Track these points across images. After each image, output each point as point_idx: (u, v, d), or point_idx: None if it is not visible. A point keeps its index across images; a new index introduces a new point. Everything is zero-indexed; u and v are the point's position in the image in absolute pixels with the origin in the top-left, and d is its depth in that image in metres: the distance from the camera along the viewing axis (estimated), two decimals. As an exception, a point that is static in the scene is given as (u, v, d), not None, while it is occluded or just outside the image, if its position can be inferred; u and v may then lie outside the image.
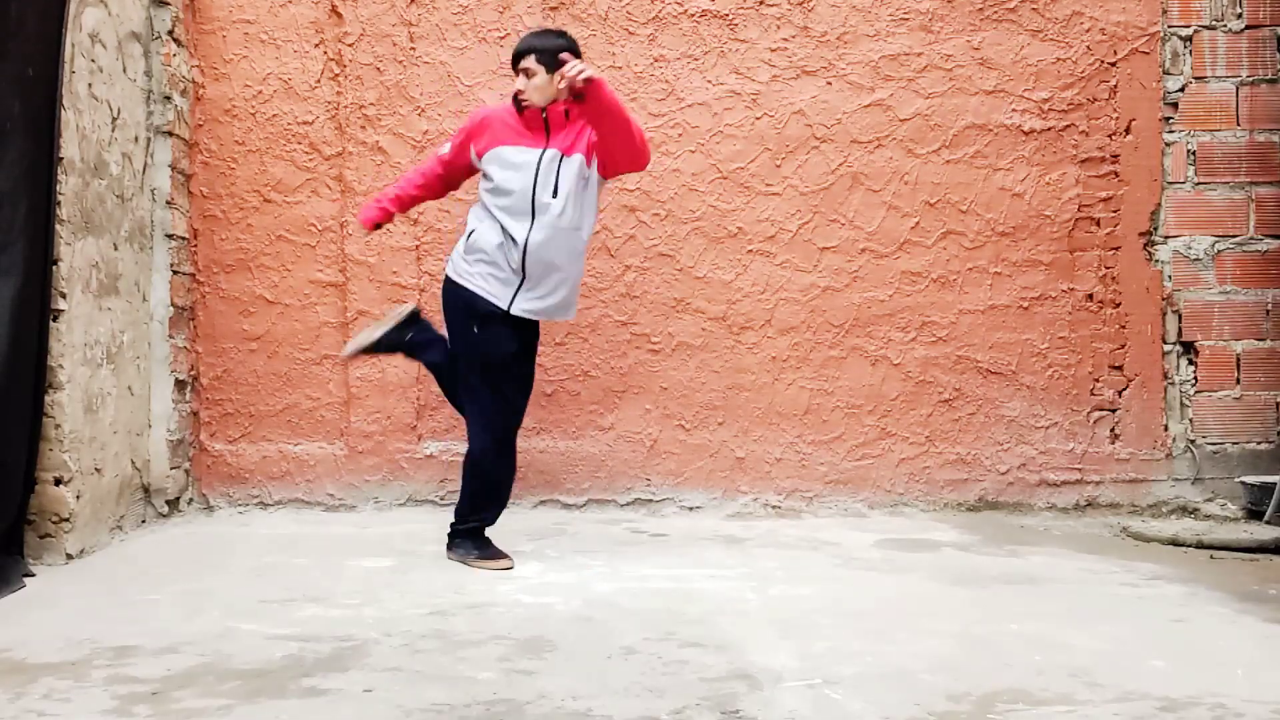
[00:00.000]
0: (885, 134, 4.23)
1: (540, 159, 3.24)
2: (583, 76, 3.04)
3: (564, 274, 3.31)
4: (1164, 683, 2.16)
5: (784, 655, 2.35)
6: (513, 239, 3.24)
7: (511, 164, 3.25)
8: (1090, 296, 4.21)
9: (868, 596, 2.92)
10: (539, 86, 3.23)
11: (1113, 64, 4.20)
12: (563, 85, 3.12)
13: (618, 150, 3.24)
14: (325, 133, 4.27)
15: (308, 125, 4.28)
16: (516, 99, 3.29)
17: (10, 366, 3.08)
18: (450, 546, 3.39)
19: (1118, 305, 4.20)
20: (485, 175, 3.33)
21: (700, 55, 4.25)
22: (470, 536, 3.37)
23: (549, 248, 3.25)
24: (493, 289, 3.27)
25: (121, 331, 3.76)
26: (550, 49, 3.22)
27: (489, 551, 3.33)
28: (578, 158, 3.26)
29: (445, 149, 3.45)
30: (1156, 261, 4.20)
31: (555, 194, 3.23)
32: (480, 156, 3.33)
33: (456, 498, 4.20)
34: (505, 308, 3.27)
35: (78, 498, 3.37)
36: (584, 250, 3.41)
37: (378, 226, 3.49)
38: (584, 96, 3.10)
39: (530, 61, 3.23)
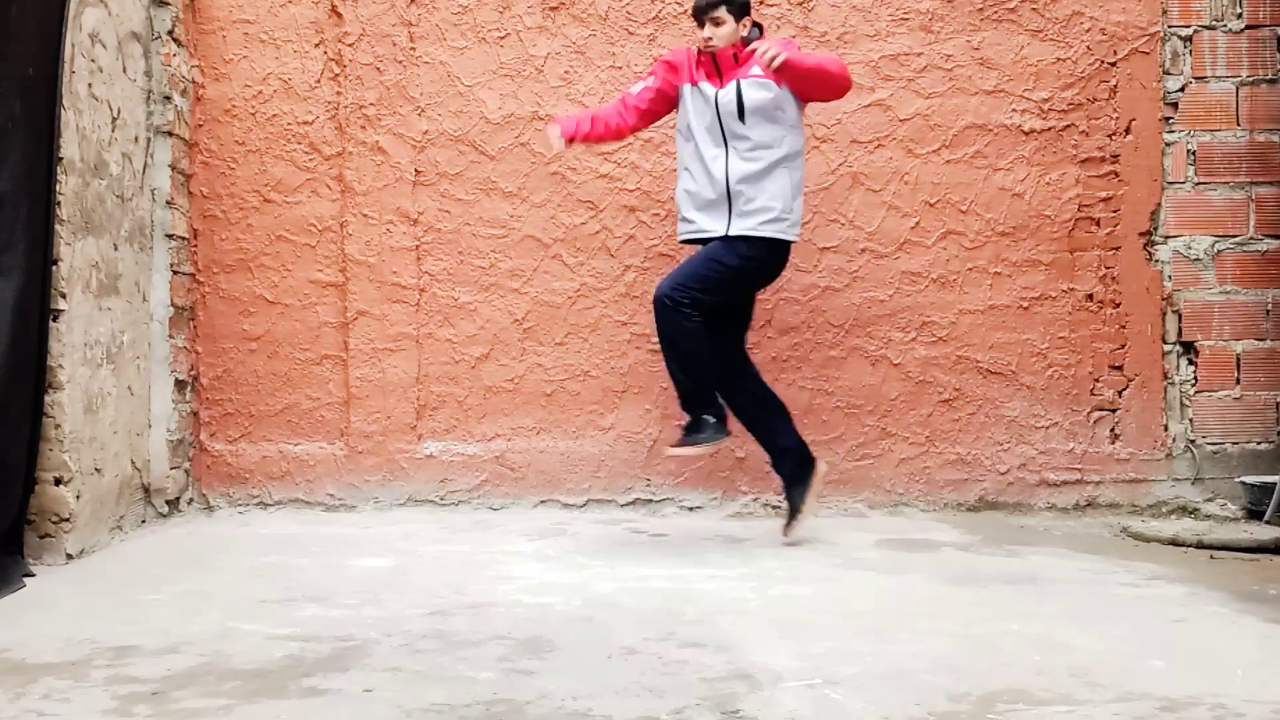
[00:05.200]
0: (885, 134, 4.23)
1: (718, 95, 3.50)
2: (776, 62, 3.35)
3: (768, 189, 3.48)
4: (1164, 683, 2.16)
5: (784, 655, 2.35)
6: (710, 172, 3.50)
7: (699, 96, 3.54)
8: (1090, 296, 4.21)
9: (868, 596, 2.92)
10: (726, 35, 3.51)
11: (1113, 64, 4.20)
12: (762, 66, 3.40)
13: (817, 96, 3.59)
14: (325, 133, 4.28)
15: (308, 125, 4.28)
16: (703, 48, 3.54)
17: (10, 366, 3.08)
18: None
19: (1118, 305, 4.20)
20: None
21: (700, 55, 4.25)
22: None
23: (743, 171, 3.49)
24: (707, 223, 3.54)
25: (121, 331, 3.76)
26: (739, 1, 3.53)
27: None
28: (760, 82, 3.47)
29: (636, 88, 3.67)
30: (1156, 261, 4.20)
31: (743, 119, 3.47)
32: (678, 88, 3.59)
33: (459, 498, 4.23)
34: (725, 233, 3.51)
35: (78, 498, 3.37)
36: (790, 167, 3.54)
37: (571, 143, 3.65)
38: (782, 74, 3.41)
39: (722, 11, 3.50)
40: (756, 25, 3.61)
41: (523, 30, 4.27)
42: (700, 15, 3.53)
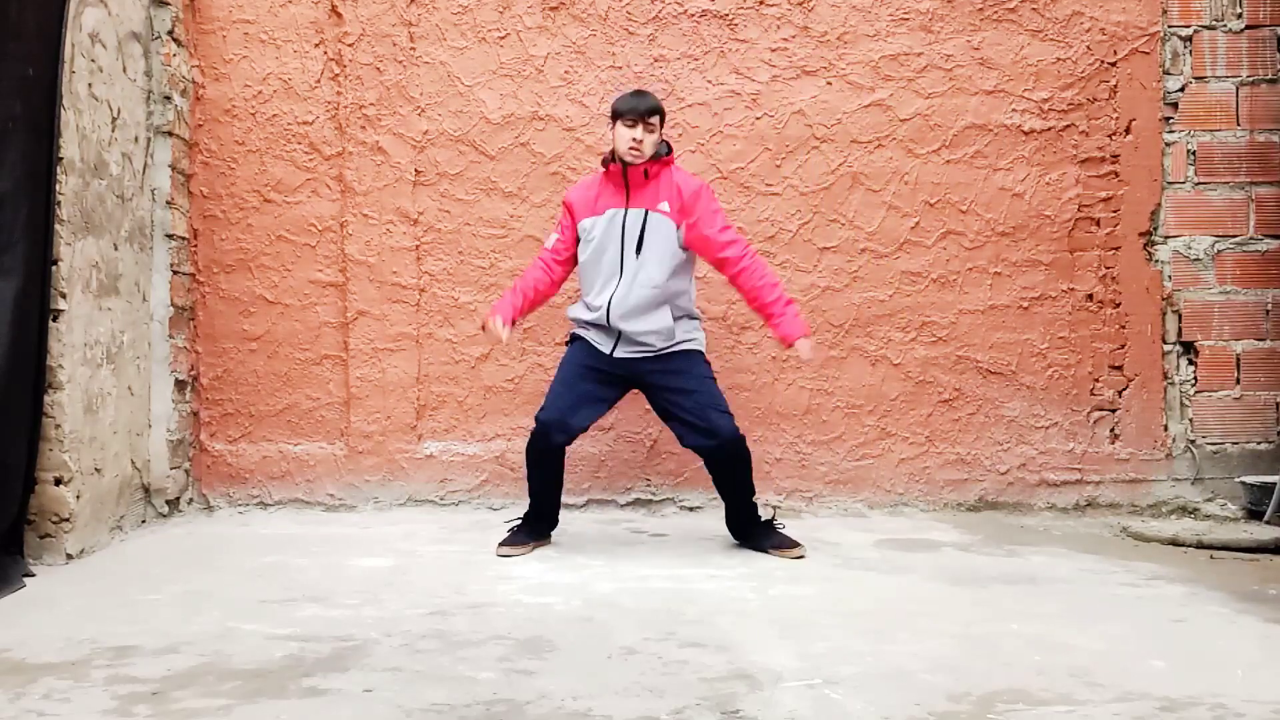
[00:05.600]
0: (885, 134, 4.23)
1: (625, 217, 3.46)
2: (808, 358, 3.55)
3: (651, 324, 3.45)
4: (1164, 683, 2.16)
5: (784, 655, 2.35)
6: (598, 300, 3.47)
7: (601, 224, 3.48)
8: (1090, 296, 4.21)
9: (868, 596, 2.92)
10: (653, 144, 3.47)
11: (1113, 64, 4.21)
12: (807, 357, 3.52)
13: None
14: (325, 133, 4.28)
15: (308, 125, 4.28)
16: (621, 152, 3.45)
17: (10, 366, 3.08)
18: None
19: (1118, 305, 4.20)
20: (582, 242, 3.54)
21: (700, 55, 4.25)
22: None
23: (628, 305, 3.43)
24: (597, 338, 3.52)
25: (121, 331, 3.76)
26: (663, 113, 3.53)
27: None
28: (666, 220, 3.45)
29: (550, 241, 3.63)
30: (1156, 261, 4.20)
31: (639, 251, 3.43)
32: (574, 229, 3.56)
33: (459, 498, 4.23)
34: (610, 351, 3.49)
35: (78, 498, 3.37)
36: (674, 303, 3.52)
37: (514, 324, 3.58)
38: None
39: (656, 119, 3.47)
40: (666, 143, 3.54)
41: (523, 30, 4.27)
42: (639, 116, 3.41)
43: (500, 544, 3.49)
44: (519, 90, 4.26)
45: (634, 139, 3.41)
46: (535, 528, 3.59)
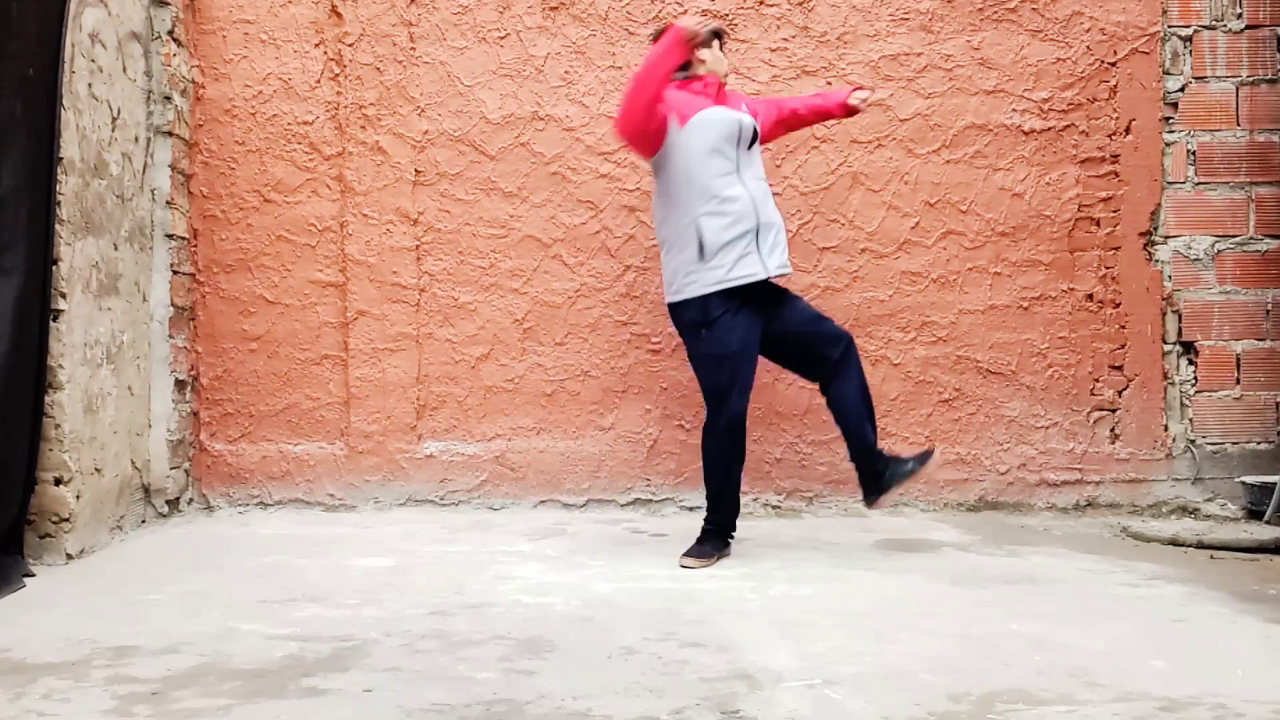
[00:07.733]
0: (885, 134, 4.23)
1: (740, 120, 3.41)
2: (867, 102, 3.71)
3: (778, 224, 3.44)
4: (1164, 683, 2.16)
5: (784, 655, 2.35)
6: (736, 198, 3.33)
7: (719, 122, 3.36)
8: (1090, 296, 4.21)
9: (868, 596, 2.92)
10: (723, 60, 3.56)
11: (1113, 64, 4.21)
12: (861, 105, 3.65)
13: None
14: (325, 133, 4.28)
15: (308, 125, 4.28)
16: (723, 72, 3.52)
17: (10, 366, 3.08)
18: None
19: (1118, 305, 4.20)
20: (680, 149, 3.32)
21: (700, 55, 4.25)
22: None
23: (765, 200, 3.41)
24: (750, 267, 3.32)
25: (121, 331, 3.76)
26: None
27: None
28: (751, 118, 3.47)
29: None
30: (1156, 261, 4.20)
31: (750, 146, 3.44)
32: (684, 123, 3.33)
33: (459, 498, 4.23)
34: (765, 274, 3.34)
35: (78, 498, 3.37)
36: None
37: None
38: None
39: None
40: None
41: (523, 30, 4.27)
42: (722, 40, 3.55)
43: (685, 554, 3.38)
44: (519, 90, 4.26)
45: (716, 57, 3.50)
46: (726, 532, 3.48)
